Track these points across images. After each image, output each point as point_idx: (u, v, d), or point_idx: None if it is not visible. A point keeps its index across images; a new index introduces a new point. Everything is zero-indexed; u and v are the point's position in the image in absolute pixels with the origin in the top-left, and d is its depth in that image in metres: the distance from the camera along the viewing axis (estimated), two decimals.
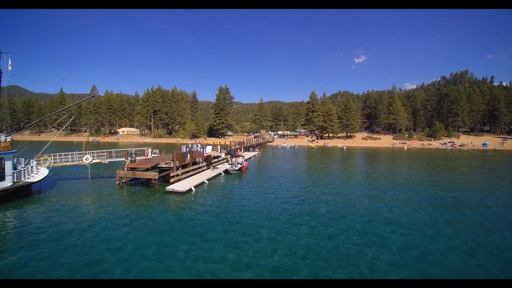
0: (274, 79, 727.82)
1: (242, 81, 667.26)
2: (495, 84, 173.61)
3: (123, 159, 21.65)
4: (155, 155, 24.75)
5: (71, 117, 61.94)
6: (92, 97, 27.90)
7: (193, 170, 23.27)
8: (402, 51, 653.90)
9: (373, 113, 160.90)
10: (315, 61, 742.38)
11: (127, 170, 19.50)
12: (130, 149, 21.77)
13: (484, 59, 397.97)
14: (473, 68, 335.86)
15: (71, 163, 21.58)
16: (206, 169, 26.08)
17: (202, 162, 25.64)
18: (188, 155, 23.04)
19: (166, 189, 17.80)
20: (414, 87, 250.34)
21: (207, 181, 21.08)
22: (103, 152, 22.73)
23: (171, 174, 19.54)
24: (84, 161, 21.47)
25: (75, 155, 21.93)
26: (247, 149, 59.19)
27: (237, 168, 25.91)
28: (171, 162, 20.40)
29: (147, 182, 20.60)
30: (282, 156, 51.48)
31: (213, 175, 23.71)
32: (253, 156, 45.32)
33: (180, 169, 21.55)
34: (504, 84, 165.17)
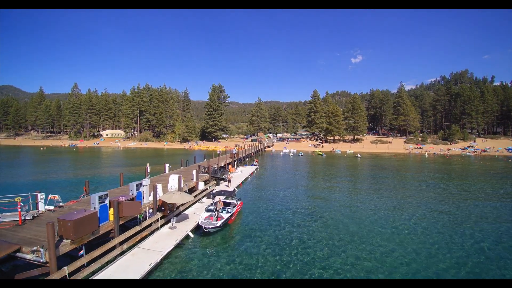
0: (271, 79, 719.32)
1: (239, 81, 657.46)
2: (496, 83, 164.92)
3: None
4: (53, 206, 12.40)
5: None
6: None
7: (122, 243, 11.22)
8: (399, 51, 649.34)
9: (378, 114, 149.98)
10: (312, 61, 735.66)
11: None
12: None
13: (480, 59, 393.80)
14: (471, 68, 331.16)
15: None
16: (162, 225, 14.13)
17: (152, 215, 13.68)
18: (110, 213, 11.00)
19: None
20: (413, 87, 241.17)
21: None
22: None
23: None
24: None
25: None
26: (242, 160, 47.33)
27: (218, 225, 13.99)
28: (41, 250, 8.21)
29: None
30: (287, 171, 39.63)
31: (168, 249, 11.65)
32: (250, 174, 33.40)
33: (82, 254, 9.55)
34: (504, 83, 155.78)
